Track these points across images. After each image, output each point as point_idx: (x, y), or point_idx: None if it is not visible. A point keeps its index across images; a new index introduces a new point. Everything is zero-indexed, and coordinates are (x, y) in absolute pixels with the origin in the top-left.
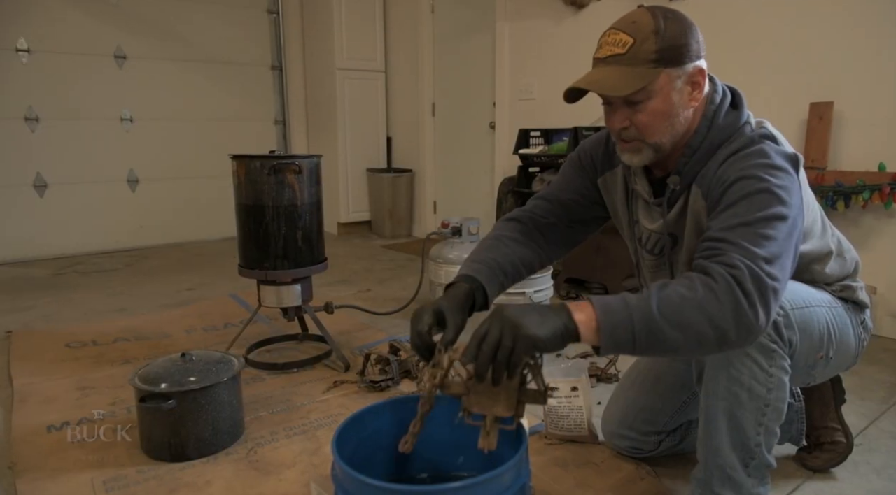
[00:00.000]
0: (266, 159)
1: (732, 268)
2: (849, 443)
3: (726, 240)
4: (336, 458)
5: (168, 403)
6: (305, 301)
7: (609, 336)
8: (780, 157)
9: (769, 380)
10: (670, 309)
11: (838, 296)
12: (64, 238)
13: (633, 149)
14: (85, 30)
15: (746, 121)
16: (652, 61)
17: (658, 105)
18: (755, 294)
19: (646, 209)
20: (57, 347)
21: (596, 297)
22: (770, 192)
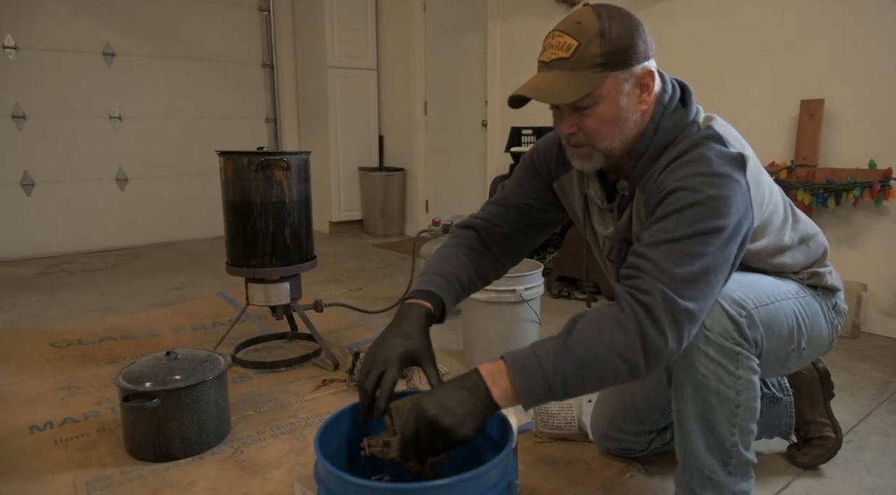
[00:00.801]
0: (254, 155)
1: (644, 295)
2: (838, 438)
3: (648, 257)
4: (318, 456)
5: (152, 402)
6: (294, 299)
7: (528, 398)
8: (721, 163)
9: (737, 383)
10: (581, 354)
11: (806, 283)
12: (51, 237)
13: (583, 155)
14: (73, 27)
15: (693, 120)
16: (597, 65)
17: (605, 110)
18: (665, 320)
19: (599, 214)
20: (42, 346)
21: (509, 356)
22: (704, 205)
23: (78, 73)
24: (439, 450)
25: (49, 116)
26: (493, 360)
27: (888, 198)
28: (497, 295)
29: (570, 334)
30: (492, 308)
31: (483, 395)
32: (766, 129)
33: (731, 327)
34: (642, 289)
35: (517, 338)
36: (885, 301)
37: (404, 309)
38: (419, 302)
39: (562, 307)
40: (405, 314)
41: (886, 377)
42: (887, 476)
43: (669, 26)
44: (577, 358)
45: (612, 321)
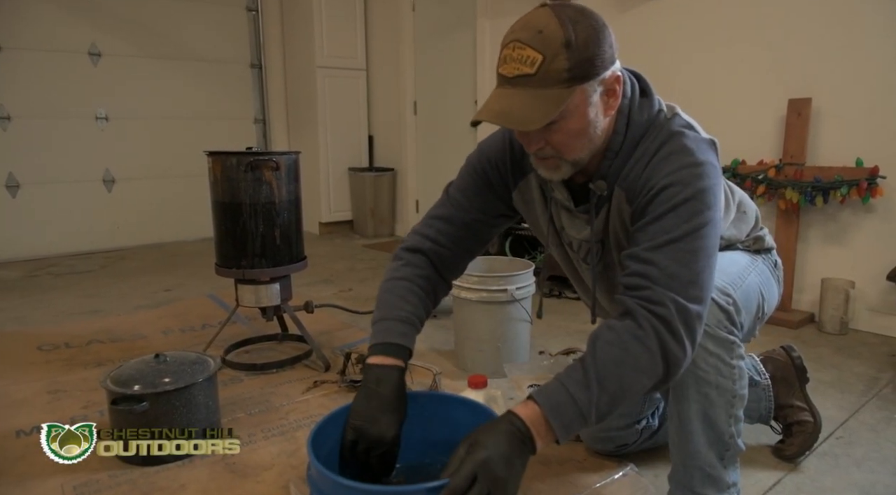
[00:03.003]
0: (242, 155)
1: (658, 306)
2: (816, 423)
3: (653, 262)
4: (311, 459)
5: (141, 405)
6: (284, 300)
7: (565, 435)
8: (702, 150)
9: (732, 373)
10: (611, 381)
11: (752, 249)
12: (37, 239)
13: (550, 167)
14: (58, 26)
15: (659, 108)
16: (564, 81)
17: (574, 124)
18: (682, 331)
19: (570, 218)
20: (28, 350)
21: (541, 397)
22: (696, 199)
23: (63, 73)
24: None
25: (34, 117)
26: (524, 403)
27: (875, 196)
28: (489, 294)
29: (595, 360)
30: (483, 307)
31: (532, 447)
32: (754, 128)
33: (723, 317)
34: (655, 300)
35: (508, 338)
36: (872, 298)
37: (380, 374)
38: (393, 362)
39: (553, 306)
40: (384, 380)
41: (874, 373)
42: (877, 471)
43: (656, 26)
44: (608, 387)
45: (632, 339)
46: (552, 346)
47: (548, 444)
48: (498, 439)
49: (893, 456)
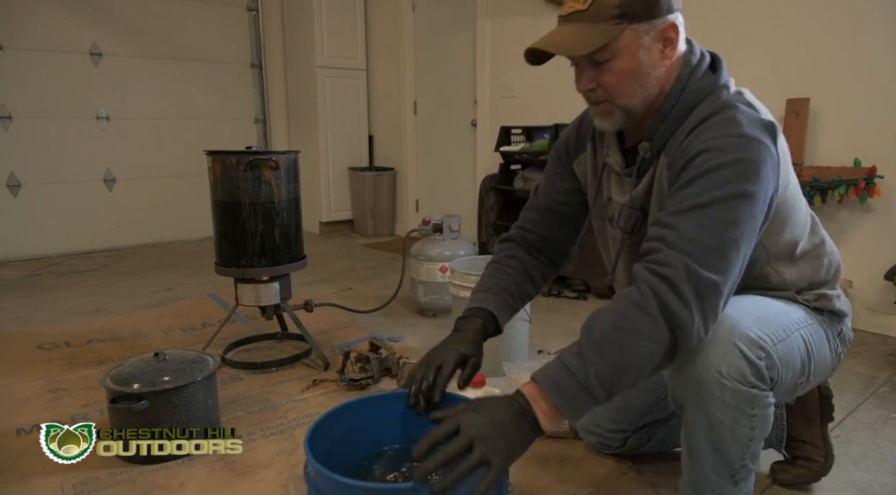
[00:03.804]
0: (242, 155)
1: (664, 267)
2: (826, 464)
3: (674, 226)
4: (309, 457)
5: (140, 404)
6: (284, 299)
7: (572, 411)
8: (752, 125)
9: (752, 421)
10: (609, 349)
11: (812, 306)
12: (38, 238)
13: (603, 113)
14: (59, 26)
15: (724, 84)
16: (615, 17)
17: (624, 64)
18: (689, 294)
19: (618, 182)
20: (28, 349)
21: (539, 374)
22: (733, 166)
23: (64, 73)
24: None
25: (35, 117)
26: (527, 383)
27: (872, 196)
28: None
29: (591, 330)
30: None
31: (531, 422)
32: None
33: (749, 371)
34: (663, 261)
35: (507, 337)
36: (870, 297)
37: (459, 324)
38: (471, 318)
39: (552, 305)
40: (461, 327)
41: (872, 372)
42: (874, 470)
43: None
44: (607, 355)
45: (630, 304)
46: (551, 345)
47: (558, 423)
48: (494, 405)
49: (891, 454)
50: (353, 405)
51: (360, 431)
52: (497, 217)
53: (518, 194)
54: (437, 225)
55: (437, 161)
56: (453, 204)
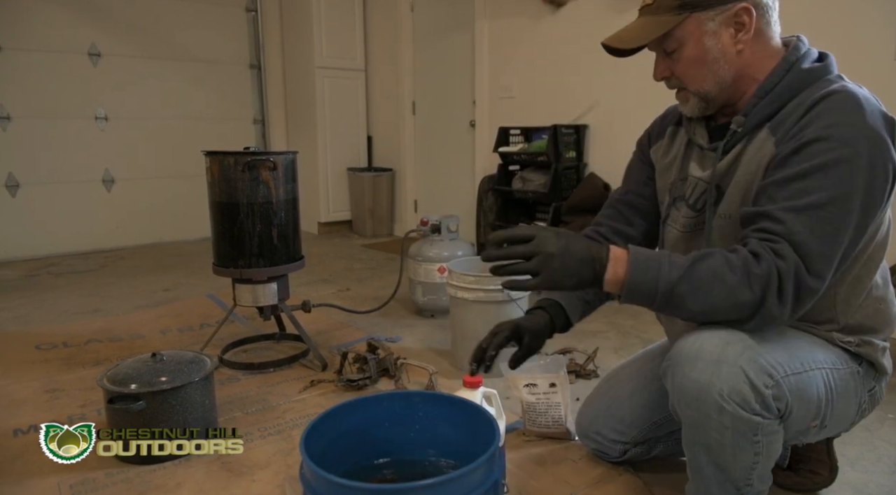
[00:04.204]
0: (240, 155)
1: (781, 260)
2: (830, 477)
3: (788, 225)
4: (304, 458)
5: (138, 404)
6: (282, 299)
7: (628, 294)
8: (876, 117)
9: (755, 446)
10: (700, 286)
11: (853, 350)
12: (37, 239)
13: (681, 99)
14: (58, 27)
15: (839, 75)
16: (675, 7)
17: (690, 51)
18: (790, 294)
19: (699, 157)
20: (26, 349)
21: (634, 249)
22: (853, 162)
23: (63, 73)
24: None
25: (34, 117)
26: (622, 247)
27: None
28: (485, 294)
29: (703, 261)
30: (480, 306)
31: (600, 269)
32: None
33: (753, 397)
34: (780, 253)
35: None
36: None
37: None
38: (536, 309)
39: None
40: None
41: None
42: (870, 471)
43: None
44: (694, 289)
45: (744, 272)
46: (549, 346)
47: (615, 288)
48: (574, 240)
49: (887, 455)
50: (349, 406)
51: (357, 432)
52: (495, 217)
53: (516, 195)
54: (435, 225)
55: (435, 161)
56: (452, 204)
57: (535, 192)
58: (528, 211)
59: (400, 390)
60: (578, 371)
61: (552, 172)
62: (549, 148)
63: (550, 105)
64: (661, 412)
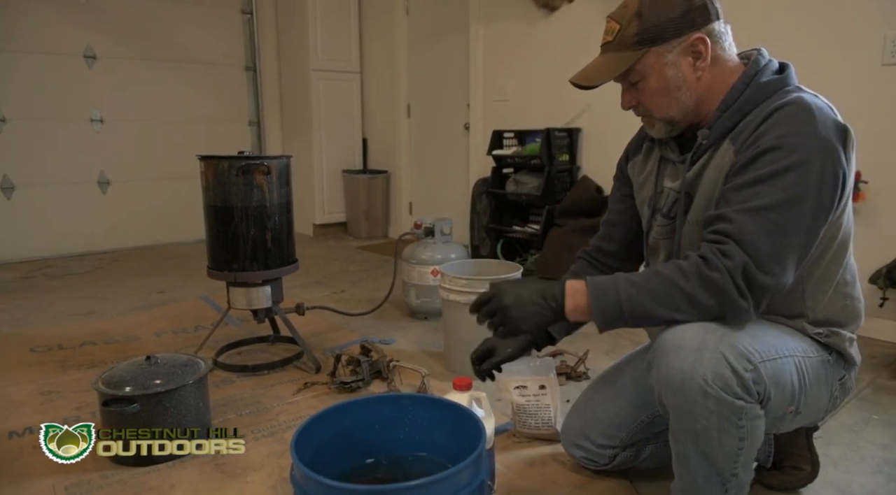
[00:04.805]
0: (234, 160)
1: (728, 260)
2: (812, 472)
3: (741, 225)
4: (295, 460)
5: (132, 407)
6: (276, 302)
7: (602, 319)
8: (828, 126)
9: (740, 431)
10: (659, 297)
11: (823, 341)
12: (32, 241)
13: (647, 124)
14: (53, 29)
15: (795, 85)
16: (634, 44)
17: (653, 83)
18: (745, 290)
19: (672, 171)
20: (21, 352)
21: (591, 279)
22: (803, 170)
23: (58, 75)
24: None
25: (29, 119)
26: (578, 279)
27: (857, 201)
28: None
29: (658, 274)
30: None
31: (557, 307)
32: None
33: (735, 381)
34: (727, 253)
35: None
36: None
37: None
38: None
39: None
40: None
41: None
42: (853, 471)
43: None
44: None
45: (697, 277)
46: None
47: (581, 317)
48: (527, 286)
49: (870, 455)
50: (339, 408)
51: (347, 434)
52: (489, 220)
53: (510, 198)
54: (429, 228)
55: (430, 164)
56: (446, 207)
57: (528, 195)
58: (522, 213)
59: (390, 393)
60: (569, 373)
61: (545, 175)
62: (543, 151)
63: (544, 108)
64: (648, 409)
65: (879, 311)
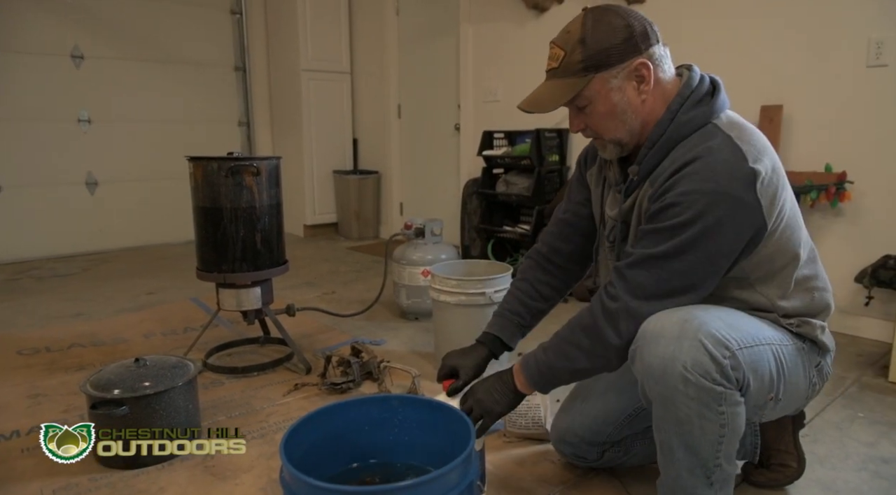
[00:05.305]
0: (223, 161)
1: (614, 302)
2: (799, 469)
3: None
4: (284, 461)
5: (121, 409)
6: (266, 303)
7: (535, 385)
8: (730, 179)
9: (720, 418)
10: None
11: (795, 331)
12: (19, 242)
13: (599, 146)
14: (40, 29)
15: (714, 118)
16: (580, 71)
17: (600, 107)
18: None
19: (612, 196)
20: (7, 354)
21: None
22: (693, 225)
23: (45, 75)
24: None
25: (14, 120)
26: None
27: (843, 201)
28: (467, 297)
29: (559, 335)
30: (462, 310)
31: (512, 388)
32: None
33: (714, 368)
34: (612, 296)
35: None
36: (840, 299)
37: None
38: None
39: None
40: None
41: (841, 372)
42: (839, 468)
43: None
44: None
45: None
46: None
47: (530, 389)
48: (492, 381)
49: (856, 453)
50: (328, 410)
51: (337, 435)
52: (479, 220)
53: (500, 198)
54: (419, 229)
55: (421, 164)
56: (437, 207)
57: (518, 195)
58: (512, 213)
59: (380, 394)
60: None
61: (535, 176)
62: (533, 151)
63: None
64: (635, 402)
65: (865, 310)
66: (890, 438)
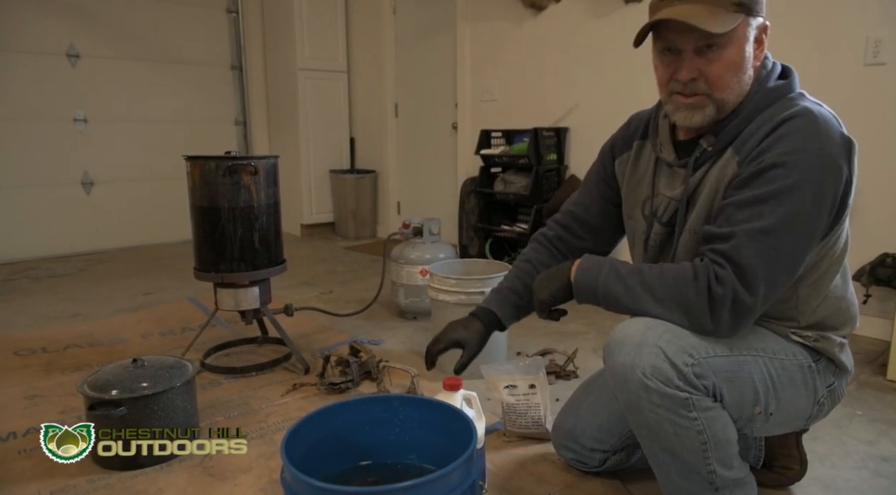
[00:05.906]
0: (221, 160)
1: (720, 287)
2: (801, 471)
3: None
4: (285, 462)
5: (119, 410)
6: (264, 303)
7: (578, 293)
8: (832, 142)
9: (694, 423)
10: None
11: (811, 346)
12: (15, 242)
13: (693, 105)
14: (36, 27)
15: (800, 92)
16: (734, 4)
17: (733, 54)
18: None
19: (669, 176)
20: (4, 355)
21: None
22: (802, 191)
23: (41, 74)
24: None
25: (11, 119)
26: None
27: None
28: (466, 296)
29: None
30: (461, 309)
31: (565, 278)
32: None
33: (674, 375)
34: (721, 278)
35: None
36: None
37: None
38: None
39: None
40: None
41: None
42: (838, 466)
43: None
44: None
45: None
46: (529, 347)
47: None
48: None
49: (855, 451)
50: (329, 410)
51: (338, 435)
52: (477, 220)
53: (498, 197)
54: (417, 228)
55: (418, 163)
56: (435, 206)
57: (516, 195)
58: (510, 213)
59: (380, 394)
60: (558, 372)
61: (533, 175)
62: (531, 150)
63: (531, 108)
64: None
65: (863, 308)
66: (889, 436)
